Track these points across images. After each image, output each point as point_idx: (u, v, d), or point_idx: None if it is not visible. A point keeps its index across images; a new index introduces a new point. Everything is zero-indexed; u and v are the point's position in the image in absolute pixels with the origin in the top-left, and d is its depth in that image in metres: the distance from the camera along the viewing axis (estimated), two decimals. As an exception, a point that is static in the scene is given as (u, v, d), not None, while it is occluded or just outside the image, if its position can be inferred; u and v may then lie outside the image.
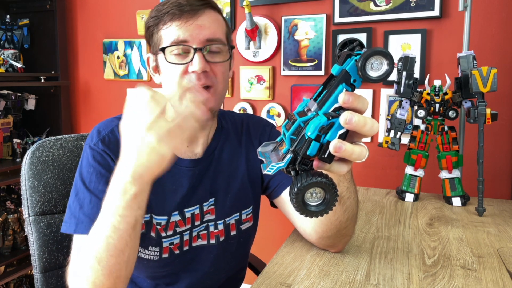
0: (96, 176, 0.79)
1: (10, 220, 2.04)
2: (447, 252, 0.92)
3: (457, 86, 1.29)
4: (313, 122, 0.47)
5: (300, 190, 0.48)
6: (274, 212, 1.04)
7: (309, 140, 0.47)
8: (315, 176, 0.48)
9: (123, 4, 2.29)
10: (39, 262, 0.95)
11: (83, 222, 0.75)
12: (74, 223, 0.76)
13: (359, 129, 0.47)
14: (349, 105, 0.47)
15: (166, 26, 0.82)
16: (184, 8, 0.80)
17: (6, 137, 2.19)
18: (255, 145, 0.98)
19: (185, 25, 0.81)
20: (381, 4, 1.75)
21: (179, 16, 0.81)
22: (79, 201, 0.78)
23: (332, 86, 0.49)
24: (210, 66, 0.82)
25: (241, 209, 0.96)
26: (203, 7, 0.82)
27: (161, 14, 0.82)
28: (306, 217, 0.51)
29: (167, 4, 0.82)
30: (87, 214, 0.76)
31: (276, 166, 0.49)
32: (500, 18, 1.61)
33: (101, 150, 0.81)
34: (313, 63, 1.90)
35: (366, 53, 0.45)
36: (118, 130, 0.83)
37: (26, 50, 2.35)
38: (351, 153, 0.47)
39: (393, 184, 1.75)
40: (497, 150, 1.65)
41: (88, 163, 0.81)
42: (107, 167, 0.79)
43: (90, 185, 0.78)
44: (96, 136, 0.83)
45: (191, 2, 0.81)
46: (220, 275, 0.96)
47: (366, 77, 0.46)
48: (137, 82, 2.28)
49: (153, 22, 0.84)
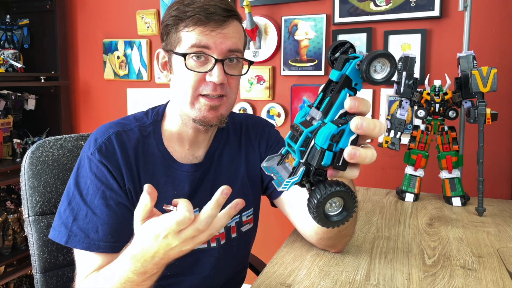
0: (93, 189, 0.79)
1: (10, 220, 2.04)
2: (447, 252, 0.92)
3: (457, 86, 1.29)
4: (322, 132, 0.46)
5: (321, 202, 0.47)
6: (274, 212, 1.04)
7: (321, 150, 0.46)
8: (333, 186, 0.48)
9: (123, 4, 2.29)
10: (39, 262, 0.95)
11: (77, 235, 0.76)
12: (66, 234, 0.76)
13: (369, 133, 0.46)
14: (356, 109, 0.47)
15: (188, 29, 0.79)
16: (212, 16, 0.78)
17: (6, 137, 2.19)
18: (254, 146, 0.98)
19: (210, 33, 0.78)
20: (381, 4, 1.75)
21: (204, 23, 0.78)
22: (72, 212, 0.78)
23: (334, 92, 0.48)
24: (227, 78, 0.81)
25: (241, 211, 0.95)
26: (230, 18, 0.80)
27: (184, 16, 0.79)
28: (328, 228, 0.50)
29: (192, 7, 0.79)
30: (82, 229, 0.76)
31: (290, 181, 0.48)
32: (500, 18, 1.61)
33: (97, 161, 0.80)
34: (313, 63, 1.90)
35: (369, 56, 0.45)
36: (116, 138, 0.83)
37: (26, 50, 2.35)
38: (364, 157, 0.46)
39: (393, 184, 1.75)
40: (497, 150, 1.65)
41: (86, 174, 0.80)
42: (103, 180, 0.79)
43: (86, 197, 0.78)
44: (93, 144, 0.82)
45: (219, 11, 0.78)
46: (220, 277, 0.95)
47: (371, 81, 0.46)
48: (137, 82, 2.28)
49: (173, 21, 0.81)
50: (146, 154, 0.85)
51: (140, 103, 2.28)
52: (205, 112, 0.82)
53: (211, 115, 0.82)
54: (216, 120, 0.83)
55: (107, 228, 0.77)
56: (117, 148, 0.82)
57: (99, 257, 0.76)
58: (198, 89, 0.81)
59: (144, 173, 0.83)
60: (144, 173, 0.83)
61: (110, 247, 0.76)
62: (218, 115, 0.83)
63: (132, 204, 0.82)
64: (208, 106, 0.81)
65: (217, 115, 0.83)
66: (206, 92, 0.80)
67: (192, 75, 0.80)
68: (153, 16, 2.18)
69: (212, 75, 0.79)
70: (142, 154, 0.84)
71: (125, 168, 0.81)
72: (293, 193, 0.92)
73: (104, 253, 0.76)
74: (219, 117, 0.83)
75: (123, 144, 0.83)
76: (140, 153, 0.84)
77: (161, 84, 2.23)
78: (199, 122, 0.83)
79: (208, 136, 0.92)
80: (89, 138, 0.85)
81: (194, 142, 0.89)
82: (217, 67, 0.79)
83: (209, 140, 0.92)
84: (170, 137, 0.88)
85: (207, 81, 0.80)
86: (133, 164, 0.82)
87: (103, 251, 0.76)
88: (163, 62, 0.88)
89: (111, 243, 0.76)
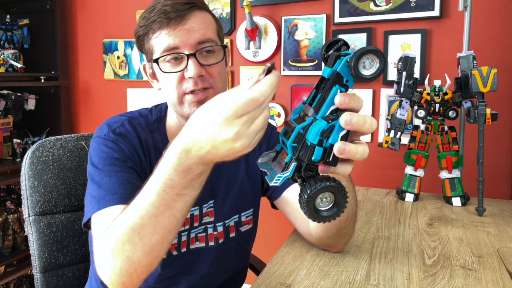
0: (109, 159, 0.78)
1: (10, 220, 2.04)
2: (447, 252, 0.92)
3: (457, 86, 1.29)
4: (313, 128, 0.47)
5: (311, 197, 0.48)
6: (274, 212, 1.04)
7: (312, 146, 0.47)
8: (323, 181, 0.48)
9: (123, 4, 2.29)
10: (39, 262, 0.95)
11: (104, 198, 0.72)
12: (96, 202, 0.73)
13: (359, 128, 0.47)
14: (346, 105, 0.47)
15: (156, 35, 0.81)
16: (171, 15, 0.79)
17: (6, 137, 2.19)
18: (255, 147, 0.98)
19: (174, 32, 0.79)
20: (381, 4, 1.75)
21: (166, 24, 0.79)
22: (96, 184, 0.76)
23: (325, 89, 0.49)
24: (205, 69, 0.82)
25: (240, 211, 0.96)
26: (189, 10, 0.81)
27: (149, 23, 0.81)
28: (319, 223, 0.51)
29: (153, 12, 0.81)
30: (108, 189, 0.73)
31: (282, 176, 0.49)
32: (500, 18, 1.61)
33: (113, 139, 0.81)
34: (313, 63, 1.90)
35: (357, 52, 0.46)
36: (129, 124, 0.84)
37: (26, 50, 2.35)
38: (355, 153, 0.47)
39: (393, 184, 1.75)
40: (497, 150, 1.65)
41: (99, 150, 0.80)
42: (120, 152, 0.79)
43: (104, 167, 0.77)
44: (106, 128, 0.83)
45: (177, 7, 0.79)
46: (219, 277, 0.95)
47: (360, 76, 0.46)
48: (137, 82, 2.28)
49: (143, 32, 0.83)
50: (154, 147, 0.86)
51: (140, 103, 2.28)
52: (194, 108, 0.82)
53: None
54: None
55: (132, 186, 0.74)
56: (132, 132, 0.84)
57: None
58: (181, 88, 0.82)
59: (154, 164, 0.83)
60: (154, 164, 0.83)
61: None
62: None
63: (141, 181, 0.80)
64: (195, 102, 0.82)
65: None
66: (190, 89, 0.81)
67: (171, 77, 0.82)
68: (153, 16, 2.18)
69: (188, 71, 0.80)
70: (151, 145, 0.86)
71: (140, 150, 0.82)
72: (292, 193, 0.92)
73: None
74: None
75: (136, 129, 0.85)
76: (150, 144, 0.85)
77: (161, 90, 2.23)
78: None
79: None
80: (101, 125, 0.85)
81: None
82: (190, 61, 0.80)
83: None
84: (173, 134, 0.90)
85: (186, 78, 0.81)
86: (145, 151, 0.84)
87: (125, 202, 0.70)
88: (150, 73, 0.89)
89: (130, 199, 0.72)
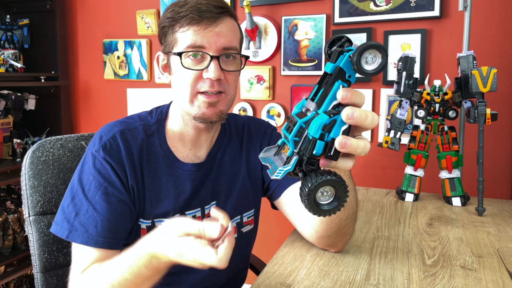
0: (95, 185, 0.80)
1: (10, 220, 2.04)
2: (447, 252, 0.92)
3: (457, 86, 1.29)
4: (315, 122, 0.48)
5: (311, 190, 0.48)
6: (274, 212, 1.04)
7: (313, 140, 0.47)
8: (324, 174, 0.48)
9: (123, 4, 2.29)
10: (39, 262, 0.95)
11: (77, 230, 0.77)
12: (67, 229, 0.78)
13: (361, 123, 0.47)
14: (348, 100, 0.48)
15: (183, 30, 0.81)
16: (204, 14, 0.79)
17: (6, 137, 2.19)
18: (256, 148, 0.98)
19: (204, 31, 0.80)
20: (381, 4, 1.75)
21: (198, 22, 0.79)
22: (75, 207, 0.79)
23: (328, 84, 0.49)
24: (224, 74, 0.82)
25: (242, 212, 0.96)
26: (222, 14, 0.81)
27: (178, 17, 0.81)
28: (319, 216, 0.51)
29: (185, 7, 0.80)
30: (82, 224, 0.77)
31: (283, 169, 0.49)
32: (500, 18, 1.61)
33: (102, 158, 0.81)
34: (313, 63, 1.91)
35: (360, 47, 0.46)
36: (120, 137, 0.84)
37: (26, 50, 2.35)
38: (356, 147, 0.47)
39: (393, 184, 1.75)
40: (497, 150, 1.65)
41: (89, 170, 0.81)
42: (106, 177, 0.80)
43: (88, 193, 0.79)
44: (98, 142, 0.83)
45: (211, 8, 0.80)
46: (220, 277, 0.96)
47: (362, 71, 0.47)
48: (137, 82, 2.28)
49: (169, 23, 0.83)
50: (149, 153, 0.86)
51: (140, 103, 2.28)
52: (204, 109, 0.83)
53: (210, 111, 0.83)
54: (215, 117, 0.84)
55: (106, 224, 0.78)
56: (121, 146, 0.83)
57: (96, 252, 0.77)
58: (196, 86, 0.82)
59: (147, 172, 0.85)
60: (147, 172, 0.85)
61: (108, 243, 0.78)
62: (217, 111, 0.84)
63: (133, 202, 0.83)
64: (207, 103, 0.82)
65: (216, 111, 0.84)
66: (204, 89, 0.82)
67: (189, 73, 0.81)
68: (153, 16, 2.18)
69: (208, 72, 0.80)
70: (145, 152, 0.86)
71: (128, 166, 0.82)
72: (292, 193, 0.92)
73: (101, 248, 0.78)
74: (218, 114, 0.84)
75: (127, 142, 0.84)
76: (144, 152, 0.85)
77: (161, 84, 2.23)
78: (199, 119, 0.84)
79: (210, 136, 0.92)
80: (95, 135, 0.86)
81: (196, 142, 0.90)
82: (212, 63, 0.80)
83: (211, 140, 0.93)
84: (173, 136, 0.90)
85: (204, 78, 0.81)
86: (136, 162, 0.84)
87: (100, 246, 0.77)
88: (163, 65, 0.89)
89: (109, 239, 0.78)
